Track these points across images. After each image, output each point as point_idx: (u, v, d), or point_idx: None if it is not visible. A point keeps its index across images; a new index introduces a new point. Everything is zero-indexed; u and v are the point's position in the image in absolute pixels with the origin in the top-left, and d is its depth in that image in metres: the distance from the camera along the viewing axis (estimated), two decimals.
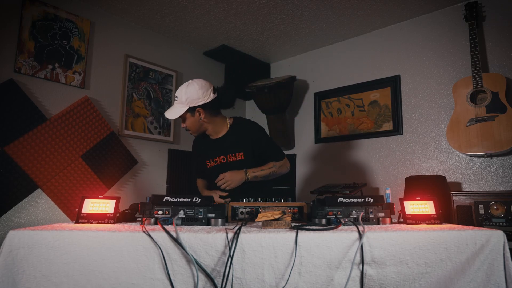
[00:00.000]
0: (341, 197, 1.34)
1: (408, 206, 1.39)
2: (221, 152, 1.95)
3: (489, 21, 2.57)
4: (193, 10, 2.86)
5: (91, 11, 2.80)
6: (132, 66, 3.04)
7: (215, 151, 1.97)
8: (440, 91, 2.77)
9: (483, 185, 2.49)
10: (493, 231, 1.12)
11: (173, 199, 1.31)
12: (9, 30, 2.36)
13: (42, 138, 2.41)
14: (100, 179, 2.68)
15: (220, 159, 1.95)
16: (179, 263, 1.05)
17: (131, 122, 3.00)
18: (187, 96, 1.82)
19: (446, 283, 1.07)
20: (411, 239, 1.09)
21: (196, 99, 1.83)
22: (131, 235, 1.07)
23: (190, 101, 1.83)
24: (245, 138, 1.95)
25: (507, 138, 2.24)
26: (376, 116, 3.11)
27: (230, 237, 1.06)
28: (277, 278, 1.05)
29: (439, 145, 2.73)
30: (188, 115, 1.87)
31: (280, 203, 1.51)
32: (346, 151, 3.26)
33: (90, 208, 1.33)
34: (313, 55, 3.64)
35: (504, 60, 2.49)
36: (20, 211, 2.32)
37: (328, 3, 2.75)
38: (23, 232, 1.06)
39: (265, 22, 3.06)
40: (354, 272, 1.06)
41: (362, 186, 2.68)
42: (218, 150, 1.96)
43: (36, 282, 1.02)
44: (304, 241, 1.07)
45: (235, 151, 1.92)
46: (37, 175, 2.37)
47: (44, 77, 2.49)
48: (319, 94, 3.52)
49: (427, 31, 2.88)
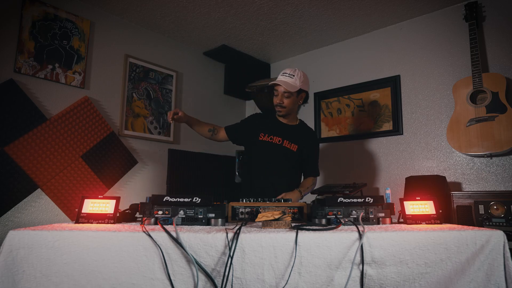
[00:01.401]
0: (341, 197, 1.34)
1: (408, 206, 1.39)
2: (281, 135, 2.11)
3: (489, 21, 2.57)
4: (193, 10, 2.86)
5: (91, 11, 2.80)
6: (132, 66, 3.05)
7: (276, 130, 2.13)
8: (440, 91, 2.77)
9: (483, 185, 2.49)
10: (493, 231, 1.12)
11: (173, 199, 1.31)
12: (9, 30, 2.36)
13: (42, 138, 2.41)
14: (100, 179, 2.68)
15: (276, 139, 2.11)
16: (179, 263, 1.05)
17: (131, 122, 3.00)
18: (303, 79, 2.05)
19: (446, 283, 1.07)
20: (411, 239, 1.09)
21: (307, 85, 2.10)
22: (131, 235, 1.07)
23: (303, 84, 2.06)
24: (305, 137, 2.16)
25: (507, 138, 2.24)
26: (376, 116, 3.11)
27: (230, 237, 1.06)
28: (277, 278, 1.05)
29: (439, 145, 2.73)
30: (295, 94, 2.06)
31: (280, 203, 1.51)
32: (346, 151, 3.26)
33: (90, 208, 1.33)
34: (313, 55, 3.64)
35: (504, 60, 2.49)
36: (20, 211, 2.32)
37: (328, 3, 2.75)
38: (23, 232, 1.06)
39: (265, 22, 3.06)
40: (354, 272, 1.06)
41: (362, 186, 2.68)
42: (279, 131, 2.13)
43: (36, 282, 1.02)
44: (304, 241, 1.07)
45: (293, 141, 2.10)
46: (37, 175, 2.37)
47: (44, 77, 2.49)
48: (319, 94, 3.52)
49: (427, 31, 2.88)
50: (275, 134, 2.11)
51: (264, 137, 2.11)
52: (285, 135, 2.11)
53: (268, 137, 2.11)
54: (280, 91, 2.04)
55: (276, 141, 2.10)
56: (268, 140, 2.11)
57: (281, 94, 2.04)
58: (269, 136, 2.11)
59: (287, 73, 2.03)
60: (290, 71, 2.04)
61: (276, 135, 2.11)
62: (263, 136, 2.12)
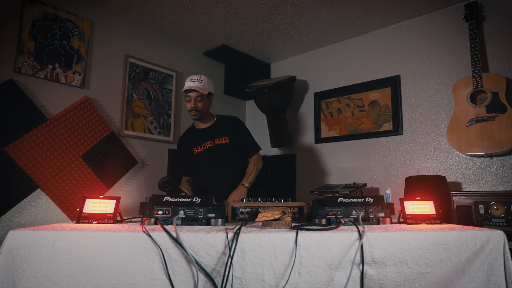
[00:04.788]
0: (341, 197, 1.34)
1: (408, 206, 1.39)
2: (209, 138, 2.22)
3: (489, 21, 2.57)
4: (193, 10, 2.86)
5: (91, 11, 2.80)
6: (132, 66, 3.04)
7: (203, 138, 2.23)
8: (440, 91, 2.76)
9: (483, 185, 2.49)
10: (493, 231, 1.12)
11: (173, 199, 1.31)
12: (9, 30, 2.36)
13: (42, 138, 2.41)
14: (100, 179, 2.68)
15: (208, 144, 2.21)
16: (179, 263, 1.05)
17: (131, 122, 2.99)
18: (209, 82, 2.20)
19: (446, 283, 1.07)
20: (411, 239, 1.09)
21: (212, 88, 2.24)
22: (131, 235, 1.07)
23: (210, 87, 2.21)
24: (228, 126, 2.27)
25: (507, 138, 2.24)
26: (376, 116, 3.11)
27: (230, 237, 1.06)
28: (277, 278, 1.05)
29: (439, 145, 2.73)
30: (205, 97, 2.17)
31: (280, 203, 1.51)
32: (346, 151, 3.26)
33: (91, 208, 1.33)
34: (313, 55, 3.64)
35: (504, 60, 2.49)
36: (20, 211, 2.32)
37: (328, 3, 2.75)
38: (23, 232, 1.06)
39: (265, 22, 3.06)
40: (354, 272, 1.06)
41: (362, 186, 2.68)
42: (205, 137, 2.23)
43: (36, 282, 1.02)
44: (304, 241, 1.07)
45: (221, 136, 2.21)
46: (37, 175, 2.37)
47: (44, 77, 2.49)
48: (319, 94, 3.52)
49: (427, 31, 2.88)
50: (204, 140, 2.22)
51: (198, 149, 2.23)
52: (212, 135, 2.22)
53: (200, 147, 2.22)
54: (192, 96, 2.14)
55: (209, 145, 2.21)
56: (202, 149, 2.22)
57: (194, 99, 2.14)
58: (201, 145, 2.22)
59: (195, 78, 2.15)
60: (197, 77, 2.16)
61: (205, 140, 2.22)
62: (197, 149, 2.23)
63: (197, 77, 2.16)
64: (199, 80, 2.15)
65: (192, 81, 2.14)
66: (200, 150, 2.22)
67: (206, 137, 2.22)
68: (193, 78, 2.16)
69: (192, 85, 2.11)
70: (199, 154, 2.22)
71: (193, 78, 2.16)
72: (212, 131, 2.24)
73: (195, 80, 2.14)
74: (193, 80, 2.14)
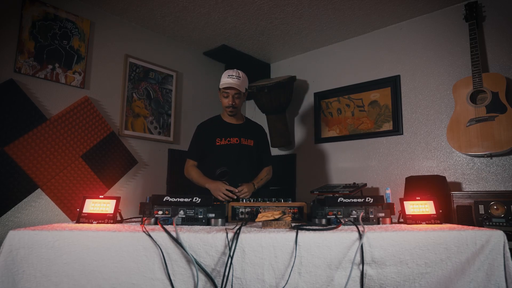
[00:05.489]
0: (341, 197, 1.34)
1: (408, 206, 1.39)
2: (236, 135, 2.22)
3: (489, 21, 2.57)
4: (193, 10, 2.86)
5: (91, 11, 2.80)
6: (132, 66, 3.04)
7: (230, 132, 2.23)
8: (440, 91, 2.76)
9: (483, 185, 2.49)
10: (493, 231, 1.12)
11: (173, 199, 1.31)
12: (9, 30, 2.36)
13: (42, 138, 2.41)
14: (100, 179, 2.68)
15: (234, 140, 2.22)
16: (179, 263, 1.05)
17: (131, 122, 3.00)
18: (246, 79, 2.20)
19: (446, 283, 1.07)
20: (411, 239, 1.09)
21: (247, 84, 2.24)
22: (131, 235, 1.07)
23: (246, 83, 2.21)
24: (256, 132, 2.33)
25: (507, 138, 2.24)
26: (376, 116, 3.11)
27: (230, 237, 1.06)
28: (277, 278, 1.05)
29: (439, 145, 2.73)
30: (242, 94, 2.19)
31: (280, 203, 1.51)
32: (346, 151, 3.26)
33: (91, 208, 1.33)
34: (313, 55, 3.64)
35: (504, 60, 2.49)
36: (20, 211, 2.32)
37: (328, 3, 2.75)
38: (23, 232, 1.06)
39: (265, 22, 3.06)
40: (354, 272, 1.06)
41: (362, 186, 2.68)
42: (232, 132, 2.23)
43: (36, 282, 1.02)
44: (304, 241, 1.07)
45: (248, 137, 2.25)
46: (37, 175, 2.37)
47: (44, 77, 2.49)
48: (319, 94, 3.52)
49: (427, 31, 2.88)
50: (231, 136, 2.21)
51: (221, 141, 2.20)
52: (239, 134, 2.22)
53: (225, 140, 2.20)
54: (231, 93, 2.14)
55: (234, 141, 2.21)
56: (226, 143, 2.20)
57: (232, 96, 2.14)
58: (226, 139, 2.20)
59: (234, 75, 2.13)
60: (235, 73, 2.14)
61: (232, 136, 2.21)
62: (220, 141, 2.20)
63: (235, 74, 2.12)
64: (238, 76, 2.12)
65: (230, 77, 2.11)
66: (223, 143, 2.20)
67: (233, 133, 2.22)
68: (231, 74, 2.12)
69: (231, 82, 2.09)
70: (221, 147, 2.19)
71: (232, 74, 2.12)
72: (240, 129, 2.25)
73: (233, 76, 2.11)
74: (231, 77, 2.11)
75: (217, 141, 2.20)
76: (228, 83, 2.10)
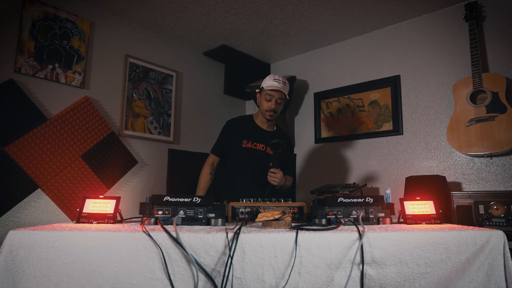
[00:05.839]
0: (341, 197, 1.34)
1: (408, 206, 1.39)
2: (263, 141, 2.18)
3: (489, 21, 2.57)
4: (193, 10, 2.86)
5: (91, 11, 2.80)
6: (132, 66, 3.04)
7: (258, 137, 2.20)
8: (440, 91, 2.76)
9: (483, 185, 2.49)
10: (493, 231, 1.12)
11: (173, 199, 1.31)
12: (9, 30, 2.36)
13: (42, 138, 2.41)
14: (100, 179, 2.68)
15: (260, 146, 2.18)
16: (179, 263, 1.05)
17: (131, 122, 2.99)
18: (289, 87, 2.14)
19: (446, 283, 1.07)
20: (411, 239, 1.09)
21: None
22: (131, 235, 1.07)
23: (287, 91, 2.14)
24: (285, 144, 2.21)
25: (507, 138, 2.24)
26: (376, 116, 3.11)
27: (230, 237, 1.06)
28: (277, 278, 1.05)
29: (439, 145, 2.73)
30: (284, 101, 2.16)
31: (280, 203, 1.51)
32: (346, 151, 3.26)
33: (91, 208, 1.33)
34: (313, 55, 3.64)
35: (504, 60, 2.49)
36: (20, 211, 2.32)
37: (328, 3, 2.75)
38: (23, 232, 1.06)
39: (265, 22, 3.06)
40: (354, 272, 1.06)
41: (362, 186, 2.68)
42: (261, 138, 2.19)
43: (36, 282, 1.02)
44: (304, 241, 1.07)
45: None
46: (37, 175, 2.37)
47: (44, 77, 2.49)
48: (319, 94, 3.52)
49: (427, 31, 2.88)
50: (258, 141, 2.18)
51: (247, 143, 2.17)
52: (267, 141, 2.14)
53: (252, 143, 2.17)
54: (275, 97, 2.09)
55: (260, 147, 2.18)
56: (252, 147, 2.17)
57: (275, 100, 2.10)
58: (253, 143, 2.17)
59: (280, 79, 2.09)
60: (281, 78, 2.10)
61: (259, 142, 2.18)
62: (246, 143, 2.17)
63: (281, 79, 2.10)
64: (283, 82, 2.10)
65: (276, 81, 2.08)
66: (249, 146, 2.17)
67: (261, 139, 2.18)
68: (277, 79, 2.09)
69: (278, 86, 2.06)
70: (246, 149, 2.16)
71: (277, 78, 2.10)
72: (269, 137, 2.15)
73: (279, 81, 2.08)
74: (277, 81, 2.08)
75: (243, 142, 2.16)
76: (274, 86, 2.06)
